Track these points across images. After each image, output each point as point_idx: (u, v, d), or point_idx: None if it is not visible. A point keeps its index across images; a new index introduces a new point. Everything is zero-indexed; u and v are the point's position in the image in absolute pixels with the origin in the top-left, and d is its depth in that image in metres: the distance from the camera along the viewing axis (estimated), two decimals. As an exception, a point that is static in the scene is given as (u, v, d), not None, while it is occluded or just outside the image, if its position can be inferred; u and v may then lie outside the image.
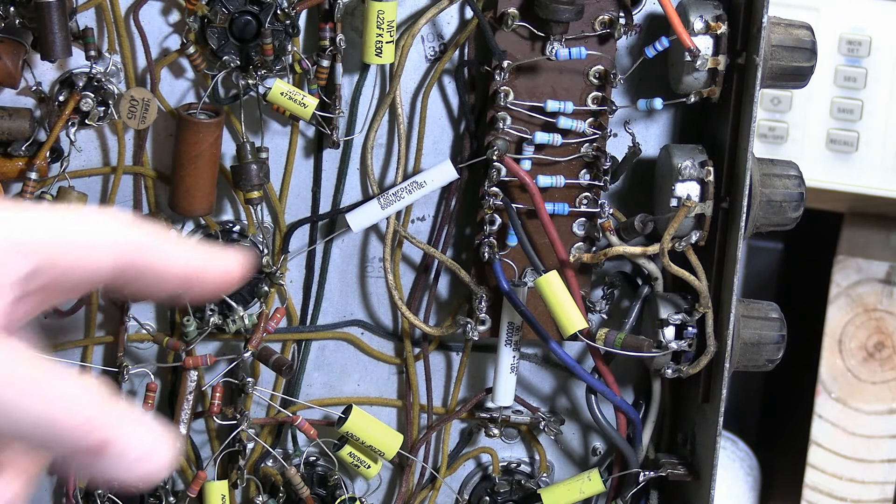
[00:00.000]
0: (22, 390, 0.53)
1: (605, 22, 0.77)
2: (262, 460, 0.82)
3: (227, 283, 0.61)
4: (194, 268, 0.60)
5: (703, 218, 0.76)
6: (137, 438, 0.54)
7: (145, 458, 0.54)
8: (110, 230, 0.59)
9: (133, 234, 0.60)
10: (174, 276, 0.60)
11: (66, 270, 0.57)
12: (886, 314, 1.10)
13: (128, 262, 0.59)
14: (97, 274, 0.58)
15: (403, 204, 0.78)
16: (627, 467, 0.81)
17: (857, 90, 1.09)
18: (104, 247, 0.59)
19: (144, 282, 0.59)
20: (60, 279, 0.58)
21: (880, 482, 1.10)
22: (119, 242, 0.59)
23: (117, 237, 0.59)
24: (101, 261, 0.58)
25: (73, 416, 0.53)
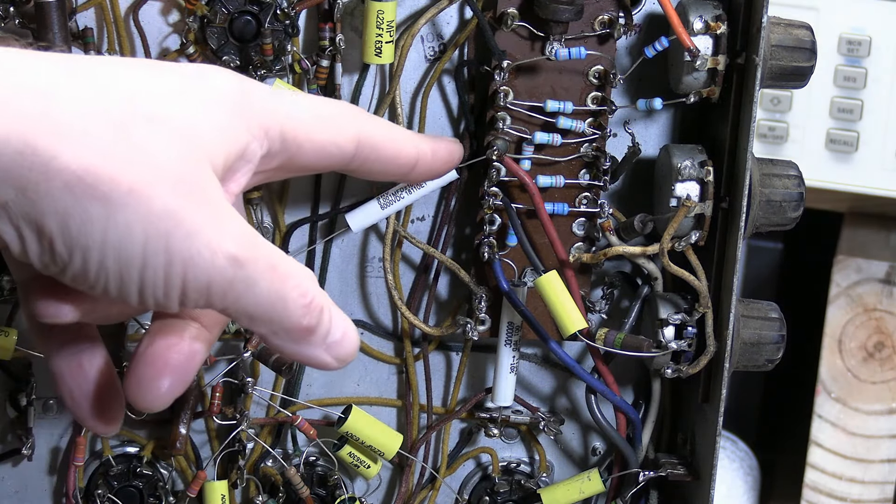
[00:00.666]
0: (262, 270, 0.56)
1: (604, 22, 0.77)
2: (261, 460, 0.82)
3: (451, 165, 0.69)
4: (424, 149, 0.64)
5: (703, 218, 0.76)
6: (340, 322, 0.59)
7: (343, 339, 0.59)
8: (351, 113, 0.62)
9: (369, 118, 0.63)
10: (406, 158, 0.66)
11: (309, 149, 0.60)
12: (886, 314, 1.10)
13: (364, 143, 0.62)
14: (337, 153, 0.61)
15: (403, 204, 0.78)
16: (627, 467, 0.81)
17: (857, 90, 1.09)
18: (344, 129, 0.63)
19: (379, 162, 0.65)
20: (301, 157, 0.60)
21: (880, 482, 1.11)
22: (357, 125, 0.62)
23: (355, 120, 0.62)
24: (342, 142, 0.61)
25: (301, 296, 0.57)
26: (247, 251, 0.56)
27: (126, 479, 0.82)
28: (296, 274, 0.57)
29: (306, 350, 0.59)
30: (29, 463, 0.82)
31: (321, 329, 0.58)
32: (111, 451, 0.82)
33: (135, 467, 0.82)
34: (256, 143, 0.59)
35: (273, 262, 0.57)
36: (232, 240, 0.55)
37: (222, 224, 0.55)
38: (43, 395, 0.82)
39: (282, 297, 0.57)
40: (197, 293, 0.56)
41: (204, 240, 0.55)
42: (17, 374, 0.81)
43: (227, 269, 0.55)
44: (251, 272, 0.56)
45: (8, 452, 0.82)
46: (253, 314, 0.57)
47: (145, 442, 0.82)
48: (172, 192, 0.54)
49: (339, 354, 0.59)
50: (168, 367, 0.60)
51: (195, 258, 0.55)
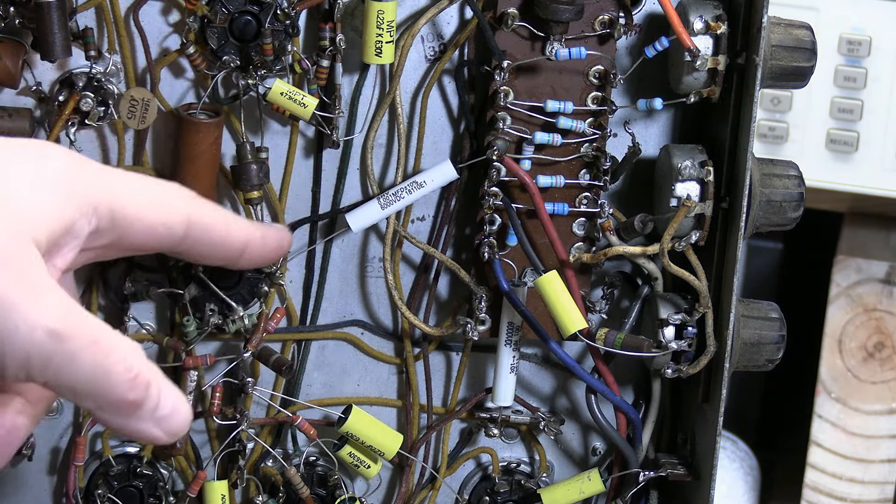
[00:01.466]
0: (84, 344, 0.55)
1: (604, 22, 0.77)
2: (261, 460, 0.82)
3: (280, 252, 0.68)
4: (254, 236, 0.63)
5: (703, 218, 0.76)
6: (169, 395, 0.58)
7: (172, 413, 0.58)
8: (182, 196, 0.62)
9: (201, 202, 0.63)
10: (235, 242, 0.65)
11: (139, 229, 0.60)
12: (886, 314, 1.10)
13: (195, 224, 0.62)
14: (166, 233, 0.62)
15: (403, 204, 0.78)
16: (627, 467, 0.81)
17: (857, 90, 1.09)
18: (175, 209, 0.63)
19: (209, 245, 0.64)
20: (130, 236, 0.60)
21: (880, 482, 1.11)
22: (188, 206, 0.62)
23: (188, 202, 0.62)
24: (172, 221, 0.61)
25: (125, 371, 0.57)
26: (67, 325, 0.55)
27: (126, 479, 0.82)
28: (119, 348, 0.57)
29: (134, 424, 0.58)
30: (29, 463, 0.82)
31: (149, 403, 0.58)
32: (111, 451, 0.82)
33: (135, 467, 0.82)
34: (84, 220, 0.59)
35: (95, 337, 0.56)
36: (51, 314, 0.55)
37: (41, 299, 0.55)
38: (43, 395, 0.82)
39: (105, 372, 0.56)
40: (16, 367, 0.55)
41: (21, 314, 0.54)
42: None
43: (47, 342, 0.55)
44: (72, 346, 0.55)
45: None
46: (76, 389, 0.56)
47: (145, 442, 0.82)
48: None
49: (168, 428, 0.58)
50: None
51: (12, 332, 0.55)
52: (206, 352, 0.80)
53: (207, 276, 0.78)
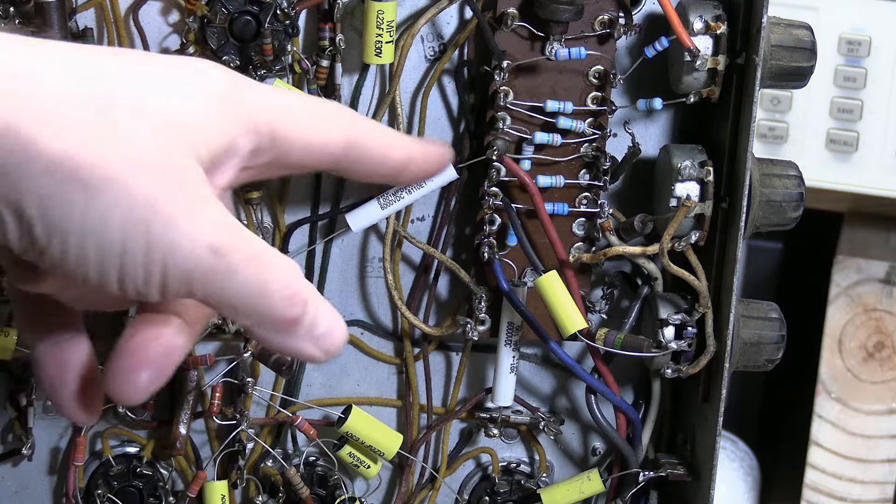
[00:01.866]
0: (244, 260, 0.56)
1: (604, 22, 0.77)
2: (261, 460, 0.82)
3: (441, 168, 0.67)
4: (415, 153, 0.65)
5: (703, 218, 0.76)
6: (326, 314, 0.58)
7: (329, 332, 0.58)
8: (341, 115, 0.62)
9: (361, 119, 0.64)
10: (394, 159, 0.65)
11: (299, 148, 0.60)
12: (886, 314, 1.10)
13: (354, 143, 0.62)
14: (326, 152, 0.62)
15: (403, 204, 0.78)
16: (627, 467, 0.81)
17: (857, 90, 1.09)
18: (334, 128, 0.62)
19: (367, 164, 0.64)
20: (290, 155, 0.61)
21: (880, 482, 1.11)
22: (347, 125, 0.63)
23: (347, 122, 0.62)
24: (331, 141, 0.62)
25: (284, 287, 0.57)
26: (228, 241, 0.56)
27: (126, 479, 0.82)
28: (278, 266, 0.57)
29: (292, 342, 0.58)
30: (29, 463, 0.82)
31: (306, 321, 0.58)
32: (111, 451, 0.82)
33: (135, 467, 0.82)
34: (245, 138, 0.59)
35: (255, 253, 0.56)
36: (212, 229, 0.55)
37: (203, 214, 0.55)
38: (43, 395, 0.82)
39: (264, 288, 0.57)
40: (177, 282, 0.56)
41: (184, 229, 0.55)
42: (17, 374, 0.81)
43: (207, 258, 0.55)
44: (232, 262, 0.56)
45: (8, 452, 0.82)
46: (236, 305, 0.57)
47: (145, 442, 0.82)
48: (153, 181, 0.54)
49: (325, 347, 0.59)
50: (147, 360, 0.59)
51: (175, 246, 0.55)
52: (206, 352, 0.80)
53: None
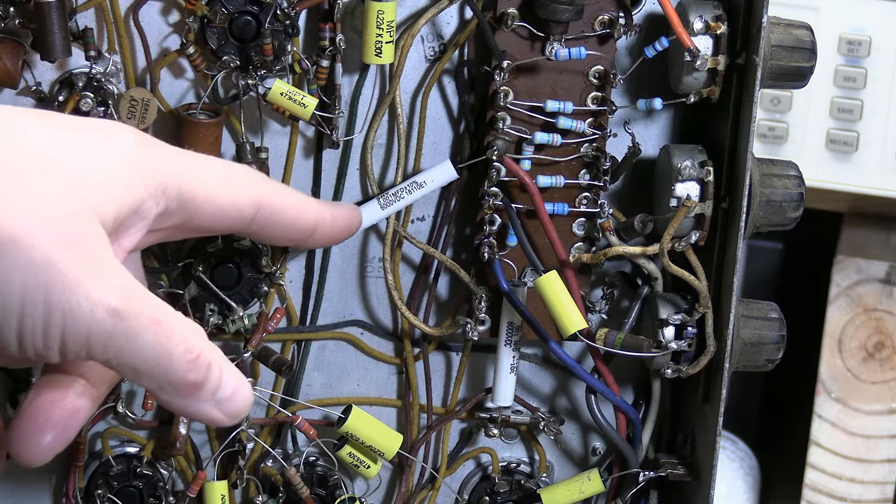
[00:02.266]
0: (145, 324, 0.56)
1: (604, 22, 0.77)
2: (261, 460, 0.82)
3: (350, 232, 0.69)
4: (324, 217, 0.65)
5: (703, 218, 0.76)
6: (230, 377, 0.59)
7: (233, 396, 0.59)
8: (252, 178, 0.62)
9: (270, 183, 0.64)
10: (305, 224, 0.66)
11: (208, 211, 0.60)
12: (886, 314, 1.10)
13: (264, 206, 0.62)
14: (236, 215, 0.63)
15: (403, 204, 0.78)
16: (627, 467, 0.81)
17: (857, 90, 1.09)
18: (244, 191, 0.63)
19: (278, 226, 0.65)
20: (199, 218, 0.60)
21: (880, 482, 1.11)
22: (257, 188, 0.63)
23: (258, 185, 0.62)
24: (241, 204, 0.62)
25: (186, 351, 0.57)
26: (129, 305, 0.56)
27: (126, 479, 0.82)
28: (181, 329, 0.57)
29: (195, 405, 0.58)
30: (29, 463, 0.82)
31: (209, 384, 0.58)
32: (111, 451, 0.82)
33: (135, 467, 0.82)
34: (152, 201, 0.59)
35: (157, 317, 0.56)
36: (113, 293, 0.55)
37: (104, 277, 0.55)
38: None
39: (166, 352, 0.57)
40: (77, 344, 0.56)
41: (83, 292, 0.55)
42: (17, 374, 0.81)
43: (108, 321, 0.55)
44: (133, 325, 0.56)
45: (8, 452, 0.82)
46: (137, 368, 0.57)
47: (145, 442, 0.82)
48: (55, 243, 0.54)
49: (229, 410, 0.59)
50: (49, 422, 0.60)
51: (74, 310, 0.55)
52: (206, 352, 0.80)
53: (207, 276, 0.78)
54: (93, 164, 0.57)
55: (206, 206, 0.61)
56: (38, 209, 0.55)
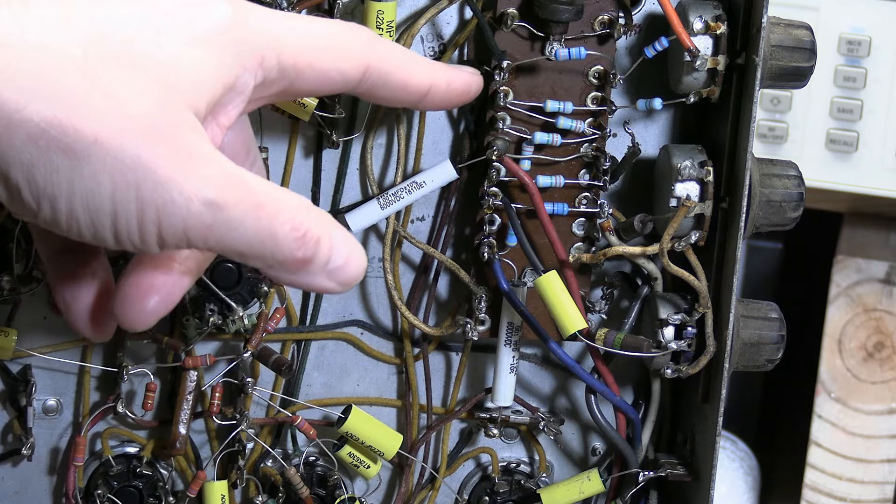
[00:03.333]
0: (246, 211, 0.55)
1: (604, 22, 0.77)
2: (261, 460, 0.82)
3: (467, 97, 0.67)
4: (438, 79, 0.64)
5: (703, 218, 0.76)
6: (341, 247, 0.58)
7: (344, 265, 0.58)
8: (359, 38, 0.61)
9: (380, 43, 0.62)
10: (416, 86, 0.64)
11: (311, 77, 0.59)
12: (886, 314, 1.10)
13: (371, 69, 0.61)
14: (341, 80, 0.60)
15: (403, 204, 0.78)
16: (627, 467, 0.81)
17: (857, 90, 1.09)
18: (350, 55, 0.61)
19: (387, 88, 0.63)
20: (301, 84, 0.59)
21: (880, 482, 1.11)
22: (364, 51, 0.61)
23: (365, 46, 0.61)
24: (346, 68, 0.61)
25: (292, 230, 0.56)
26: (227, 194, 0.54)
27: (126, 479, 0.82)
28: (286, 209, 0.56)
29: (305, 279, 0.57)
30: (29, 463, 0.82)
31: (319, 258, 0.57)
32: (111, 451, 0.82)
33: (134, 467, 0.82)
34: (249, 75, 0.58)
35: (259, 201, 0.55)
36: (209, 185, 0.54)
37: (198, 170, 0.54)
38: (42, 395, 0.82)
39: (271, 235, 0.56)
40: (175, 238, 0.55)
41: (177, 187, 0.54)
42: (17, 374, 0.81)
43: (205, 213, 0.54)
44: (233, 214, 0.55)
45: (8, 452, 0.82)
46: (242, 251, 0.56)
47: (145, 442, 0.82)
48: (142, 140, 0.53)
49: (341, 280, 0.58)
50: (154, 287, 0.59)
51: (168, 206, 0.54)
52: (206, 352, 0.80)
53: (207, 276, 0.78)
54: (178, 49, 0.55)
55: (309, 72, 0.59)
56: (121, 108, 0.53)
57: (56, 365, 0.80)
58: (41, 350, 0.80)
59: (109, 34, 0.54)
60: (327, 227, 0.58)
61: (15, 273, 0.77)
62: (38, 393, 0.81)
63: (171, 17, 0.56)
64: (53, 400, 0.82)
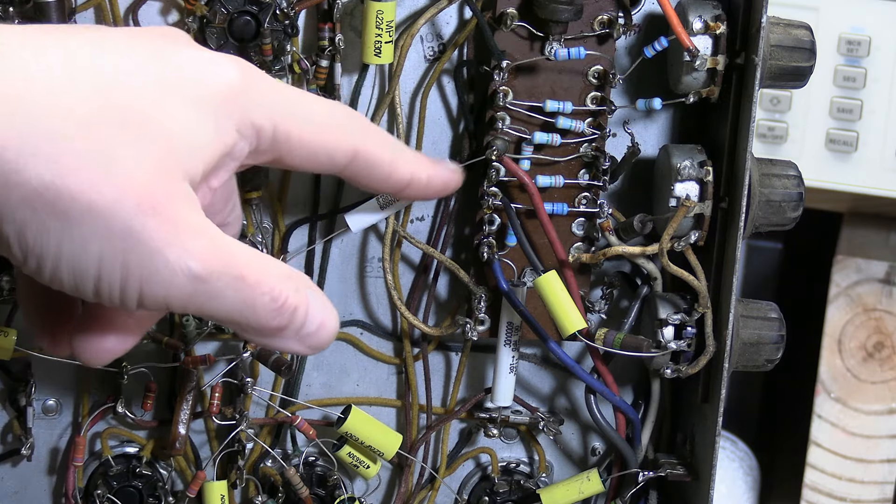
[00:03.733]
0: (227, 283, 0.56)
1: (604, 22, 0.77)
2: (261, 460, 0.82)
3: (444, 193, 0.68)
4: (419, 176, 0.65)
5: (703, 218, 0.76)
6: (315, 313, 0.58)
7: (317, 331, 0.59)
8: (351, 123, 0.62)
9: (371, 133, 0.63)
10: (397, 180, 0.64)
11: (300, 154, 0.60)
12: (886, 314, 1.10)
13: (359, 156, 0.62)
14: (329, 162, 0.61)
15: (403, 204, 0.78)
16: (626, 467, 0.81)
17: (857, 90, 1.09)
18: (342, 138, 0.62)
19: (369, 178, 0.63)
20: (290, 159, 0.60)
21: (880, 482, 1.11)
22: (355, 137, 0.62)
23: (356, 134, 0.62)
24: (336, 151, 0.61)
25: (270, 301, 0.57)
26: (211, 267, 0.55)
27: (125, 479, 0.82)
28: (266, 280, 0.57)
29: (277, 343, 0.58)
30: (28, 463, 0.82)
31: (293, 326, 0.58)
32: (110, 451, 0.82)
33: (134, 467, 0.82)
34: (245, 143, 0.58)
35: (241, 273, 0.56)
36: (194, 258, 0.55)
37: (185, 242, 0.55)
38: (42, 395, 0.82)
39: (249, 305, 0.56)
40: (155, 303, 0.55)
41: (163, 259, 0.54)
42: (17, 374, 0.81)
43: (187, 285, 0.55)
44: (215, 287, 0.55)
45: (7, 452, 0.82)
46: (220, 318, 0.57)
47: (145, 442, 0.82)
48: (136, 211, 0.54)
49: (312, 344, 0.59)
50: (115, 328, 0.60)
51: (153, 275, 0.54)
52: (206, 351, 0.80)
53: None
54: (185, 112, 0.55)
55: (299, 150, 0.60)
56: (118, 174, 0.53)
57: (56, 365, 0.80)
58: (41, 350, 0.80)
59: (114, 90, 0.54)
60: (304, 295, 0.58)
61: (14, 273, 0.77)
62: (37, 393, 0.81)
63: (178, 74, 0.56)
64: (53, 400, 0.82)
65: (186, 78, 0.56)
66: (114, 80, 0.55)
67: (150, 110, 0.55)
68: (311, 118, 0.60)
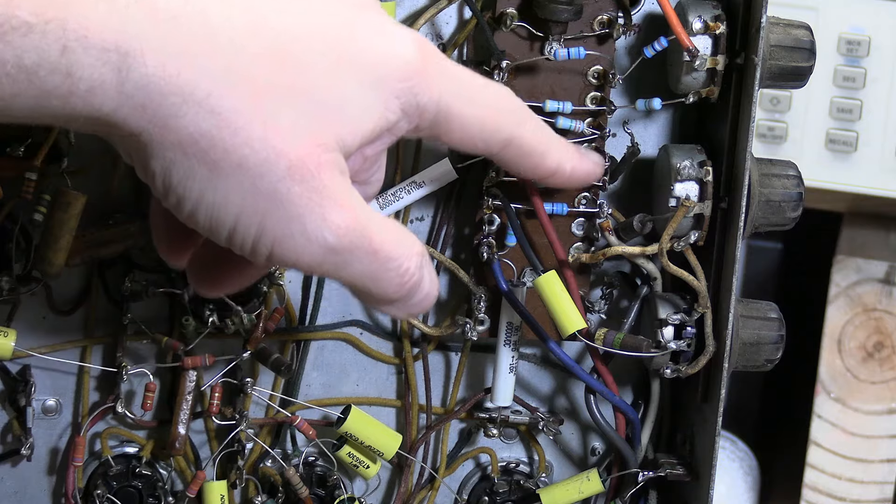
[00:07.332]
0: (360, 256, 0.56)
1: (603, 22, 0.77)
2: (261, 460, 0.82)
3: (583, 184, 0.69)
4: (564, 166, 0.66)
5: (702, 218, 0.76)
6: (425, 287, 0.59)
7: (419, 302, 0.60)
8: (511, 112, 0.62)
9: (528, 123, 0.63)
10: (544, 169, 0.65)
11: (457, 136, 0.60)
12: (886, 314, 1.10)
13: (514, 145, 0.62)
14: (482, 147, 0.61)
15: (402, 204, 0.78)
16: (626, 467, 0.81)
17: (857, 90, 1.09)
18: (500, 127, 0.62)
19: (518, 164, 0.64)
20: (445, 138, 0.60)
21: (880, 482, 1.11)
22: (514, 127, 0.62)
23: (514, 123, 0.62)
24: (492, 139, 0.61)
25: (397, 276, 0.58)
26: (347, 241, 0.55)
27: (125, 479, 0.82)
28: (396, 256, 0.57)
29: (385, 307, 0.59)
30: (28, 463, 0.82)
31: (408, 297, 0.59)
32: (110, 451, 0.82)
33: (134, 468, 0.82)
34: (406, 121, 0.58)
35: (374, 248, 0.56)
36: (332, 231, 0.55)
37: (327, 214, 0.55)
38: (42, 395, 0.82)
39: (376, 278, 0.57)
40: (283, 262, 0.56)
41: (300, 226, 0.55)
42: (17, 374, 0.81)
43: (320, 253, 0.55)
44: (346, 258, 0.56)
45: (7, 453, 0.82)
46: (343, 282, 0.57)
47: (144, 442, 0.82)
48: (284, 173, 0.54)
49: (414, 312, 0.60)
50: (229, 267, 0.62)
51: (287, 239, 0.55)
52: (205, 352, 0.80)
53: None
54: (355, 89, 0.55)
55: (459, 132, 0.60)
56: (275, 137, 0.53)
57: (55, 365, 0.80)
58: (40, 350, 0.80)
59: (290, 54, 0.54)
60: (422, 269, 0.59)
61: (14, 273, 0.77)
62: (37, 393, 0.81)
63: (357, 47, 0.56)
64: (53, 400, 0.82)
65: (364, 52, 0.56)
66: (292, 42, 0.54)
67: (320, 80, 0.55)
68: (476, 101, 0.60)
